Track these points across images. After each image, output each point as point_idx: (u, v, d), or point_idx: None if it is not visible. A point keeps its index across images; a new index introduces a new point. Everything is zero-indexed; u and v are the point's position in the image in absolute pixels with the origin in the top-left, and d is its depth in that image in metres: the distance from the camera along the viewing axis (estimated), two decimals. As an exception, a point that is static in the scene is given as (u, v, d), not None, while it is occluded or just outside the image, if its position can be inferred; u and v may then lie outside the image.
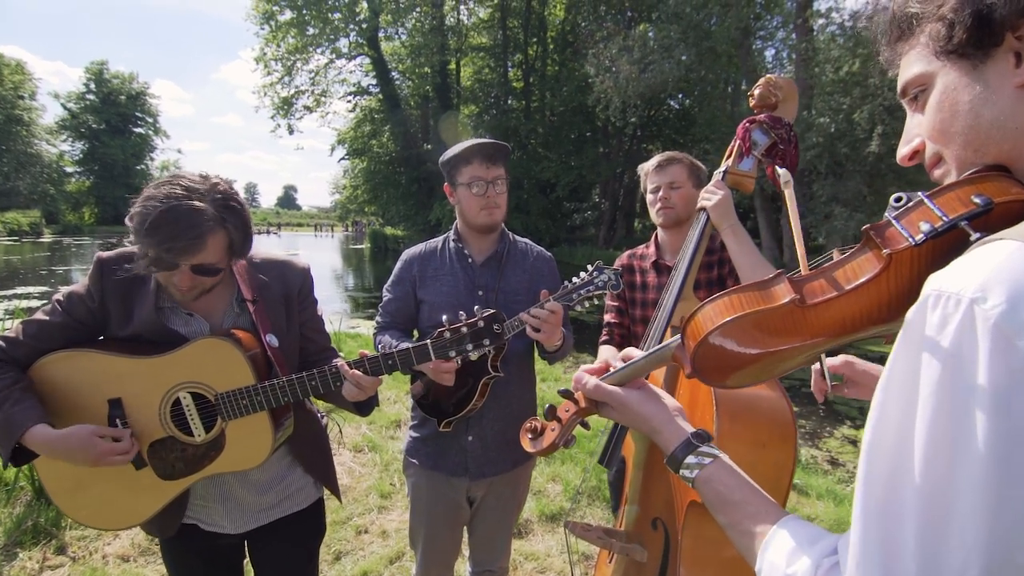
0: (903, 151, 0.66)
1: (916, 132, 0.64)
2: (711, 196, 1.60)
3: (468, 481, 1.84)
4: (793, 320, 0.60)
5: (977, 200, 0.54)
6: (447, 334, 1.32)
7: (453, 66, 28.45)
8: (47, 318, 1.37)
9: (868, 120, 13.45)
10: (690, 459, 0.70)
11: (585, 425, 0.90)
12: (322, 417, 1.68)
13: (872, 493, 0.49)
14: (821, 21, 15.35)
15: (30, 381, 1.33)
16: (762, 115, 1.61)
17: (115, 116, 52.12)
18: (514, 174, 25.54)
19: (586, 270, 1.58)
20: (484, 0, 26.83)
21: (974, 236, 0.52)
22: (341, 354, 1.64)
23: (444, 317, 1.35)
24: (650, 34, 18.04)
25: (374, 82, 29.40)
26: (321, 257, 29.16)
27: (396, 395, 5.05)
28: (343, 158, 32.29)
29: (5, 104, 41.32)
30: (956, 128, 0.59)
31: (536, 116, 26.37)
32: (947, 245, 0.55)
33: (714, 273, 1.91)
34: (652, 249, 2.06)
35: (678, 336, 0.70)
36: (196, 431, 1.36)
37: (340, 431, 3.76)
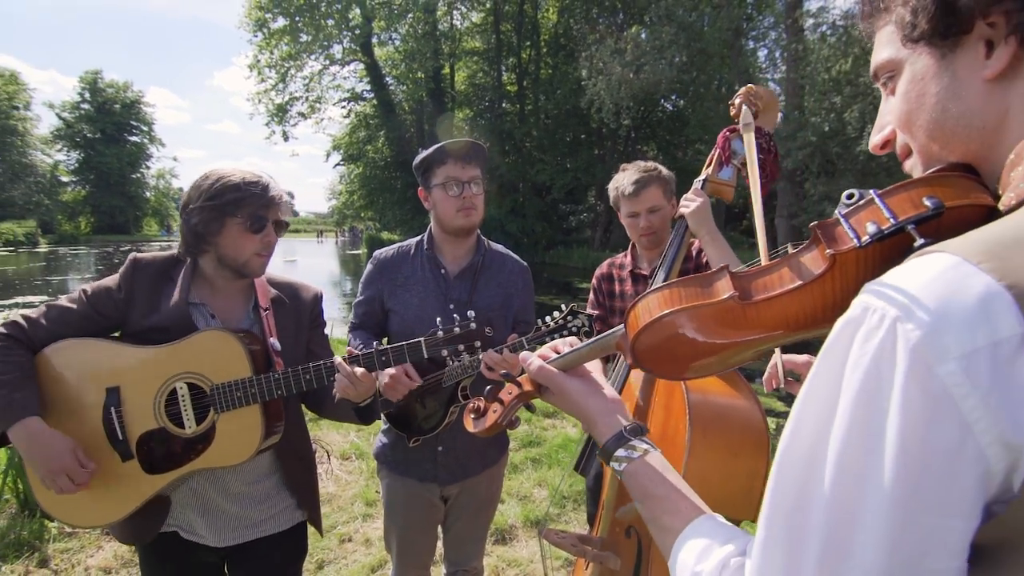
0: (875, 139, 0.62)
1: (888, 119, 0.60)
2: (689, 203, 1.57)
3: (439, 486, 1.83)
4: (735, 316, 0.57)
5: (928, 203, 0.50)
6: (440, 333, 1.35)
7: (447, 70, 28.48)
8: (71, 306, 1.41)
9: (859, 119, 13.48)
10: (620, 452, 0.68)
11: (530, 407, 0.90)
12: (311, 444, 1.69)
13: (780, 503, 0.48)
14: (811, 21, 15.40)
15: (34, 368, 1.36)
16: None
17: (110, 125, 51.82)
18: (510, 177, 25.59)
19: (560, 310, 1.51)
20: (477, 5, 26.88)
21: (918, 242, 0.48)
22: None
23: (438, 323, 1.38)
24: (642, 36, 18.10)
25: (368, 88, 29.42)
26: (319, 263, 29.12)
27: (387, 401, 5.02)
28: (338, 164, 32.34)
29: (0, 115, 41.31)
30: (922, 121, 0.55)
31: (531, 119, 26.38)
32: (894, 249, 0.51)
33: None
34: (629, 259, 2.07)
35: (623, 325, 0.68)
36: (188, 423, 1.38)
37: (329, 457, 3.79)
